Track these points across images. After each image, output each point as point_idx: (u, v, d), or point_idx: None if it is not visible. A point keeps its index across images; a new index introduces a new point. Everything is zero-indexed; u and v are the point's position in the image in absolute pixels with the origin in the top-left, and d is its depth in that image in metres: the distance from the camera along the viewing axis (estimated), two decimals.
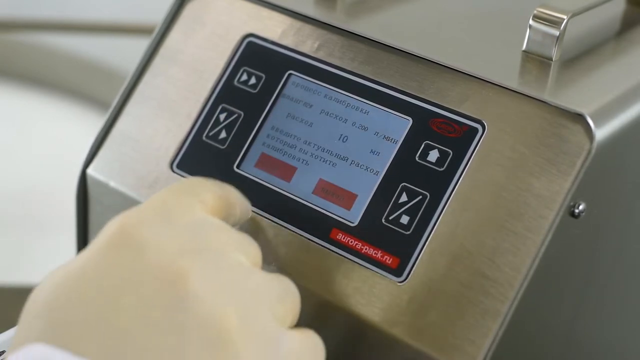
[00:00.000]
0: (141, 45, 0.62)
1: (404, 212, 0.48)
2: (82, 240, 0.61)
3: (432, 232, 0.48)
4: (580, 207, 0.46)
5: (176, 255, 0.40)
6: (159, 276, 0.39)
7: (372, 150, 0.50)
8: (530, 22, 0.51)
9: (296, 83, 0.53)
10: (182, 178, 0.54)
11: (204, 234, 0.41)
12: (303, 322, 0.50)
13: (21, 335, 0.39)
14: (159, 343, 0.38)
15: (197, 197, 0.43)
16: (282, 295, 0.42)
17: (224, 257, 0.41)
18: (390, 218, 0.49)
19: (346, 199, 0.50)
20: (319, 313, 0.49)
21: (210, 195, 0.44)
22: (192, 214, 0.42)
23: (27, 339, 0.38)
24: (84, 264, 0.40)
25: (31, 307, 0.40)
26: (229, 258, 0.41)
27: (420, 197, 0.48)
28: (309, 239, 0.50)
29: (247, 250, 0.42)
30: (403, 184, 0.49)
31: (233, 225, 0.47)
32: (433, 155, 0.49)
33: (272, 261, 0.50)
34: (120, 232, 0.40)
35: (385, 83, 0.51)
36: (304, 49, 0.54)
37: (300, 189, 0.51)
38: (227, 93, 0.55)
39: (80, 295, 0.39)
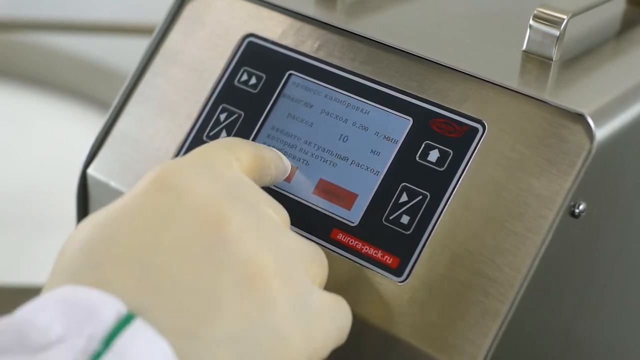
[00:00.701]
0: (141, 45, 0.62)
1: (404, 212, 0.49)
2: None
3: (432, 232, 0.48)
4: (580, 207, 0.46)
5: (216, 199, 0.40)
6: (200, 217, 0.40)
7: (372, 150, 0.50)
8: (530, 22, 0.51)
9: (296, 83, 0.53)
10: None
11: (240, 188, 0.42)
12: None
13: (53, 277, 0.39)
14: (195, 282, 0.38)
15: (233, 155, 0.44)
16: (313, 256, 0.43)
17: (260, 211, 0.42)
18: (391, 218, 0.49)
19: (346, 199, 0.50)
20: None
21: (245, 153, 0.45)
22: (229, 169, 0.43)
23: (59, 280, 0.38)
24: (123, 205, 0.41)
25: (65, 249, 0.40)
26: (264, 212, 0.42)
27: (421, 197, 0.48)
28: (309, 239, 0.50)
29: (279, 212, 0.44)
30: (403, 184, 0.49)
31: (269, 183, 0.49)
32: (433, 155, 0.49)
33: None
34: (161, 176, 0.41)
35: (386, 83, 0.51)
36: (304, 49, 0.54)
37: (300, 188, 0.51)
38: (227, 93, 0.55)
39: (118, 233, 0.39)
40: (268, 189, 0.52)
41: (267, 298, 0.39)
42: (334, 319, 0.43)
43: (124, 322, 0.36)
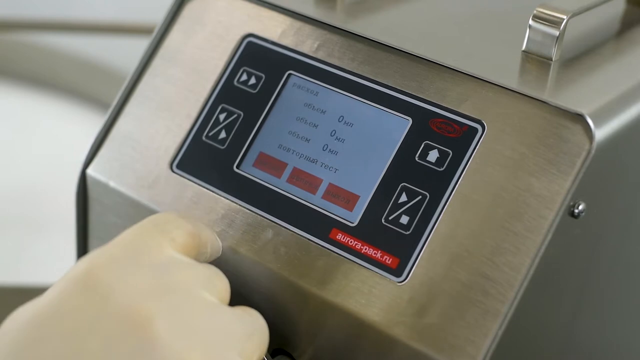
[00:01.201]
0: (141, 45, 0.62)
1: (404, 212, 0.48)
2: (82, 240, 0.61)
3: (432, 232, 0.48)
4: (580, 207, 0.46)
5: (141, 298, 0.40)
6: (124, 320, 0.39)
7: (372, 150, 0.50)
8: (530, 22, 0.51)
9: (296, 83, 0.53)
10: (183, 178, 0.54)
11: (170, 274, 0.42)
12: (304, 323, 0.50)
13: None
14: None
15: (167, 235, 0.44)
16: (249, 332, 0.43)
17: (190, 297, 0.41)
18: (390, 218, 0.49)
19: (346, 199, 0.50)
20: (319, 313, 0.49)
21: (180, 232, 0.45)
22: (160, 252, 0.43)
23: None
24: (49, 305, 0.40)
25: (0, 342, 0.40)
26: (195, 297, 0.41)
27: (420, 197, 0.48)
28: (308, 239, 0.50)
29: (215, 287, 0.43)
30: (403, 184, 0.49)
31: (204, 261, 0.47)
32: (433, 155, 0.49)
33: (272, 260, 0.50)
34: (87, 274, 0.41)
35: (385, 83, 0.51)
36: (304, 49, 0.54)
37: (300, 188, 0.51)
38: (227, 93, 0.55)
39: (47, 337, 0.39)
40: (268, 194, 0.52)
41: None
42: None
43: None
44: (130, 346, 0.39)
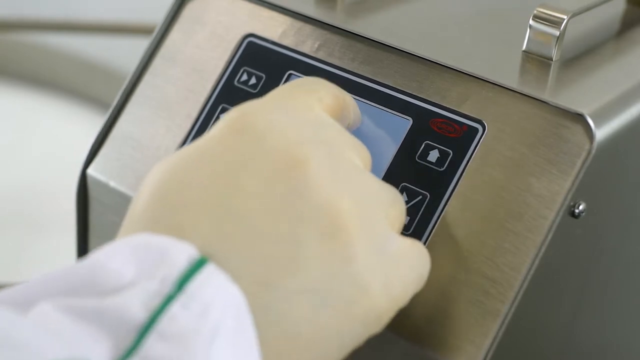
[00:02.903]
0: (141, 45, 0.62)
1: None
2: (82, 240, 0.61)
3: (432, 232, 0.47)
4: (580, 207, 0.46)
5: (297, 142, 0.39)
6: (279, 161, 0.39)
7: (372, 150, 0.50)
8: (530, 22, 0.51)
9: None
10: None
11: (322, 130, 0.41)
12: None
13: (128, 221, 0.39)
14: (273, 229, 0.37)
15: (315, 95, 0.43)
16: (392, 200, 0.42)
17: (341, 154, 0.41)
18: None
19: None
20: None
21: (328, 94, 0.44)
22: (311, 109, 0.42)
23: (135, 223, 0.38)
24: (202, 146, 0.39)
25: (140, 194, 0.39)
26: (345, 155, 0.41)
27: (420, 197, 0.48)
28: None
29: (361, 153, 0.42)
30: (403, 184, 0.49)
31: (347, 127, 0.47)
32: (433, 155, 0.49)
33: None
34: (242, 117, 0.40)
35: (385, 83, 0.51)
36: (304, 49, 0.54)
37: None
38: (227, 93, 0.55)
39: (195, 176, 0.38)
40: None
41: (347, 248, 0.38)
42: (412, 265, 0.42)
43: (197, 265, 0.35)
44: (283, 187, 0.38)
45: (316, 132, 0.41)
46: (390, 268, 0.40)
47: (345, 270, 0.38)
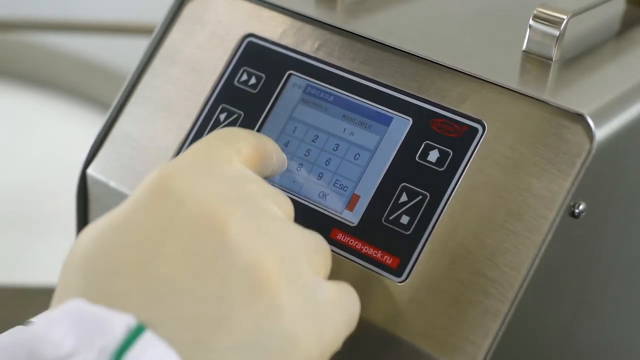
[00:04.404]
0: (141, 45, 0.62)
1: (404, 212, 0.48)
2: None
3: (432, 232, 0.48)
4: (580, 207, 0.46)
5: (215, 203, 0.40)
6: (199, 224, 0.39)
7: (372, 150, 0.50)
8: (530, 22, 0.51)
9: (296, 83, 0.53)
10: None
11: (240, 185, 0.42)
12: None
13: (61, 291, 0.39)
14: (201, 291, 0.38)
15: (233, 147, 0.44)
16: (316, 247, 0.43)
17: (262, 208, 0.41)
18: (390, 218, 0.49)
19: (347, 199, 0.50)
20: None
21: (246, 144, 0.45)
22: (229, 164, 0.43)
23: (67, 294, 0.38)
24: (124, 214, 0.40)
25: (71, 260, 0.40)
26: (266, 209, 0.41)
27: (420, 197, 0.48)
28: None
29: (282, 203, 0.43)
30: (403, 184, 0.49)
31: (270, 175, 0.48)
32: (433, 155, 0.49)
33: None
34: (160, 182, 0.41)
35: (385, 83, 0.51)
36: (304, 49, 0.54)
37: (301, 188, 0.51)
38: (227, 93, 0.55)
39: (121, 245, 0.39)
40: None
41: (274, 302, 0.39)
42: (342, 309, 0.42)
43: (134, 334, 0.36)
44: (207, 248, 0.39)
45: (234, 189, 0.41)
46: (319, 316, 0.41)
47: (274, 324, 0.39)
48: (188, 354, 0.37)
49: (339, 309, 0.42)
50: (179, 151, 0.55)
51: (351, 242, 0.49)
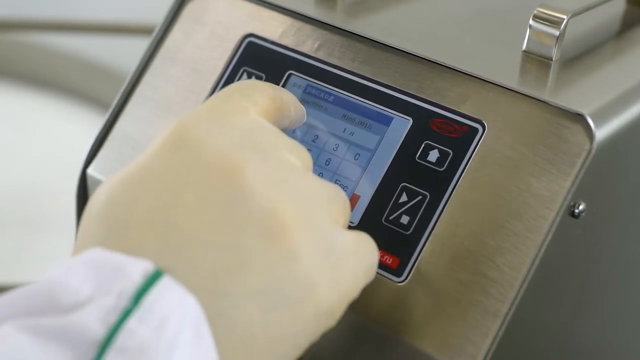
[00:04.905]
0: (141, 45, 0.62)
1: (404, 212, 0.48)
2: None
3: (432, 232, 0.48)
4: (580, 207, 0.46)
5: (231, 150, 0.40)
6: (216, 171, 0.39)
7: (372, 150, 0.50)
8: (530, 22, 0.51)
9: (296, 83, 0.53)
10: None
11: (257, 135, 0.42)
12: None
13: (80, 241, 0.39)
14: (218, 239, 0.38)
15: (250, 99, 0.44)
16: (334, 197, 0.43)
17: (278, 156, 0.41)
18: (390, 218, 0.49)
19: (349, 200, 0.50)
20: None
21: (263, 96, 0.45)
22: (246, 115, 0.43)
23: (86, 243, 0.39)
24: (142, 164, 0.41)
25: (89, 211, 0.40)
26: (282, 157, 0.41)
27: (420, 197, 0.48)
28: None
29: (300, 154, 0.43)
30: (403, 184, 0.49)
31: (289, 126, 0.48)
32: (433, 155, 0.49)
33: None
34: (177, 132, 0.41)
35: (385, 83, 0.51)
36: (304, 49, 0.54)
37: None
38: None
39: (138, 195, 0.39)
40: None
41: (290, 248, 0.39)
42: (360, 258, 0.42)
43: (152, 279, 0.36)
44: (222, 197, 0.39)
45: (251, 138, 0.41)
46: (337, 263, 0.41)
47: (291, 271, 0.39)
48: (205, 299, 0.37)
49: (356, 257, 0.42)
50: None
51: None
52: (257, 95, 0.44)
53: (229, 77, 0.55)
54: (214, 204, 0.39)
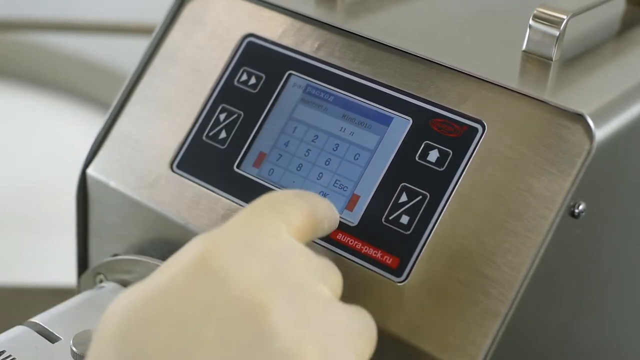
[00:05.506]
0: (141, 45, 0.62)
1: (404, 212, 0.48)
2: (82, 240, 0.61)
3: (432, 232, 0.48)
4: (580, 207, 0.46)
5: (259, 286, 0.38)
6: (240, 308, 0.38)
7: (372, 150, 0.50)
8: (530, 22, 0.51)
9: (296, 83, 0.53)
10: (183, 178, 0.54)
11: (287, 263, 0.40)
12: None
13: (96, 359, 0.38)
14: None
15: (282, 217, 0.42)
16: (361, 330, 0.41)
17: (308, 289, 0.40)
18: (390, 218, 0.49)
19: (347, 199, 0.50)
20: None
21: (297, 213, 0.43)
22: (277, 237, 0.41)
23: None
24: (162, 288, 0.39)
25: (103, 331, 0.38)
26: (311, 290, 0.40)
27: (420, 197, 0.48)
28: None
29: (330, 280, 0.41)
30: (403, 184, 0.49)
31: (322, 235, 0.46)
32: (433, 155, 0.49)
33: None
34: (203, 258, 0.39)
35: (385, 83, 0.51)
36: (304, 49, 0.54)
37: (300, 188, 0.51)
38: (227, 93, 0.55)
39: (158, 322, 0.38)
40: None
41: None
42: None
43: None
44: (246, 335, 0.37)
45: (279, 268, 0.39)
46: None
47: None
48: None
49: None
50: (178, 151, 0.55)
51: (351, 242, 0.49)
52: (292, 213, 0.42)
53: (228, 77, 0.55)
54: (236, 343, 0.37)
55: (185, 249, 0.40)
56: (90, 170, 0.58)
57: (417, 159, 0.49)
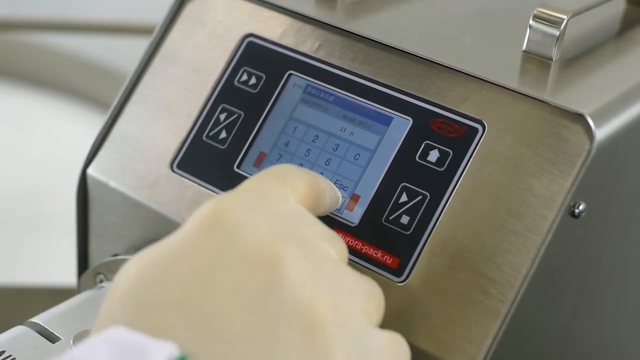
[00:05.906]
0: (141, 45, 0.62)
1: (404, 212, 0.48)
2: (82, 240, 0.61)
3: (432, 232, 0.48)
4: (580, 207, 0.46)
5: (270, 239, 0.39)
6: (253, 259, 0.38)
7: (372, 150, 0.50)
8: (530, 22, 0.51)
9: (296, 83, 0.53)
10: (183, 178, 0.54)
11: (296, 224, 0.41)
12: None
13: (103, 320, 0.38)
14: (250, 328, 0.37)
15: (289, 185, 0.43)
16: (369, 293, 0.42)
17: (317, 248, 0.40)
18: (391, 218, 0.49)
19: (347, 199, 0.50)
20: None
21: (301, 183, 0.44)
22: (285, 202, 0.42)
23: (111, 322, 0.37)
24: (174, 244, 0.39)
25: (115, 291, 0.39)
26: (322, 250, 0.40)
27: (420, 197, 0.48)
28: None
29: (337, 245, 0.42)
30: (403, 184, 0.49)
31: (323, 214, 0.47)
32: (433, 155, 0.49)
33: None
34: (214, 214, 0.39)
35: (385, 83, 0.51)
36: (304, 49, 0.54)
37: None
38: (227, 93, 0.55)
39: (169, 277, 0.38)
40: None
41: (326, 347, 0.37)
42: (394, 357, 0.41)
43: None
44: (259, 286, 0.37)
45: (290, 227, 0.40)
46: None
47: None
48: None
49: (389, 358, 0.41)
50: (179, 151, 0.55)
51: (351, 242, 0.49)
52: (296, 182, 0.43)
53: (229, 77, 0.55)
54: (249, 291, 0.37)
55: (196, 213, 0.40)
56: (90, 170, 0.58)
57: (417, 159, 0.49)
